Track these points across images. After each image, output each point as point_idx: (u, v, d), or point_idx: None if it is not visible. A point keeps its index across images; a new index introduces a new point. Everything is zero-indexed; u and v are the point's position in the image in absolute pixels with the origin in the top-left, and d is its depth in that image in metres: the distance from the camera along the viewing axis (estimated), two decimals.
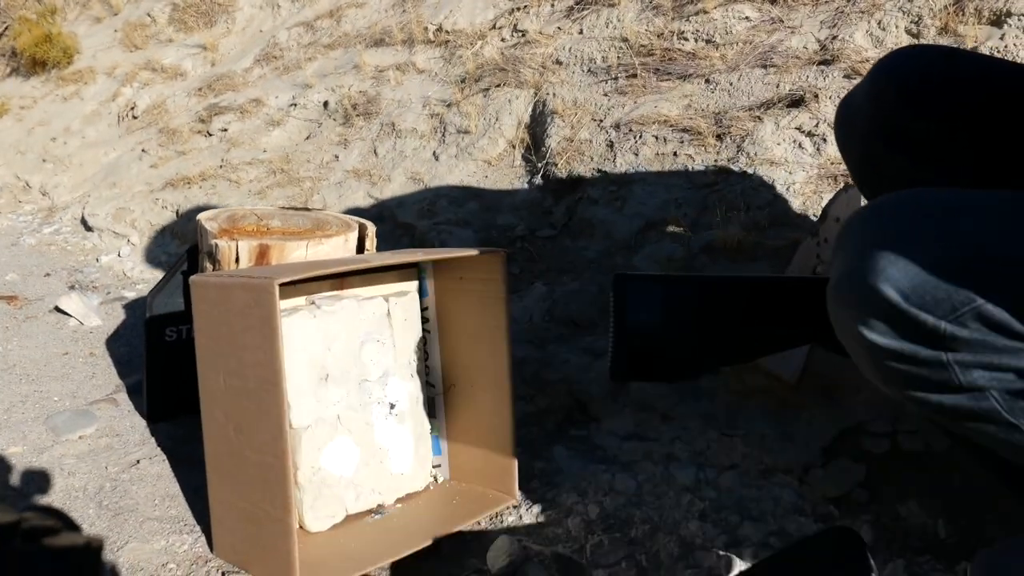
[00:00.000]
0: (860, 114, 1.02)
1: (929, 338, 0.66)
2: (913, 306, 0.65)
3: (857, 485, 1.19)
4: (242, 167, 2.67)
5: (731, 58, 1.92)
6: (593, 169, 1.90)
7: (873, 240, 0.68)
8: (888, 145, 0.98)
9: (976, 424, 0.71)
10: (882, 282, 0.66)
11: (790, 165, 1.65)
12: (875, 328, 0.67)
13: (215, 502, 1.12)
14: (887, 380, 0.71)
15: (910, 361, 0.67)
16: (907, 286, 0.65)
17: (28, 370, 1.77)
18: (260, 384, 1.00)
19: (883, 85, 0.98)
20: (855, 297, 0.68)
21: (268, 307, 0.97)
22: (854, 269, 0.68)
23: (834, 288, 0.71)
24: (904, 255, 0.65)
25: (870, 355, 0.69)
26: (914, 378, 0.68)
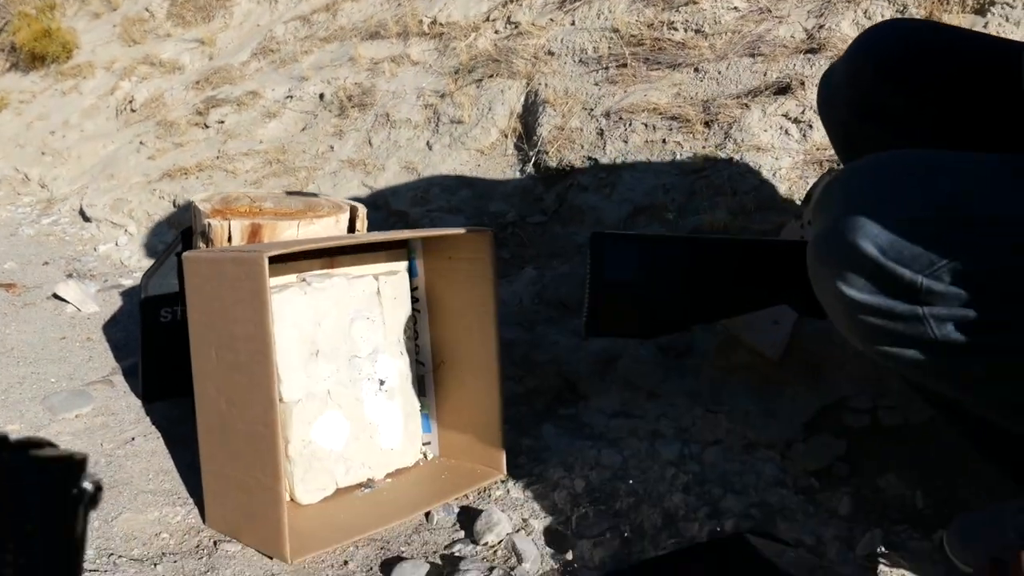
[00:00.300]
0: (839, 89, 1.04)
1: (906, 293, 0.68)
2: (891, 261, 0.67)
3: (837, 459, 1.21)
4: (238, 158, 2.69)
5: (720, 47, 1.95)
6: (583, 157, 1.92)
7: (852, 198, 0.70)
8: (866, 118, 1.00)
9: (950, 380, 0.73)
10: (861, 238, 0.67)
11: (776, 151, 1.68)
12: (853, 284, 0.69)
13: (207, 474, 1.15)
14: (864, 336, 0.73)
15: (887, 316, 0.69)
16: (885, 242, 0.67)
17: (26, 353, 1.79)
18: (251, 356, 1.03)
19: (861, 60, 1.00)
20: (834, 253, 0.70)
21: (258, 280, 0.99)
22: (833, 226, 0.70)
23: (814, 245, 0.73)
24: (883, 212, 0.67)
25: (848, 311, 0.71)
26: (890, 333, 0.70)
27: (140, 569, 1.05)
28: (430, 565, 1.05)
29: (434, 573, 1.05)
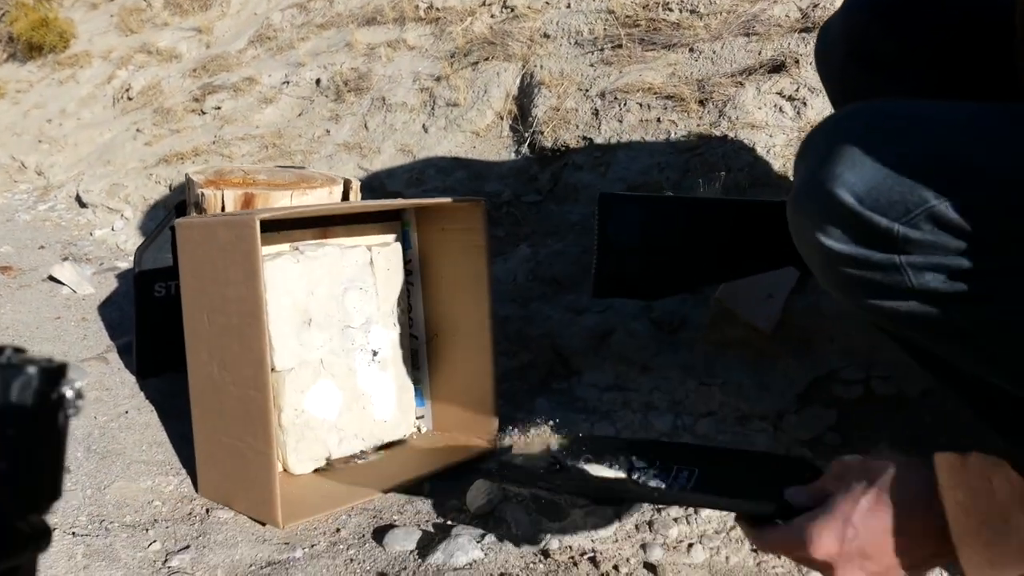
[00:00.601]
0: (836, 40, 1.04)
1: (883, 241, 0.67)
2: (867, 209, 0.66)
3: (829, 429, 1.21)
4: (235, 142, 2.69)
5: (715, 27, 1.95)
6: (578, 137, 1.92)
7: (831, 148, 0.69)
8: (863, 69, 1.00)
9: (930, 332, 0.73)
10: (838, 187, 0.66)
11: (771, 128, 1.68)
12: (831, 234, 0.68)
13: (199, 441, 1.15)
14: (843, 288, 0.73)
15: (864, 266, 0.68)
16: (862, 189, 0.66)
17: (21, 332, 1.79)
18: (242, 319, 1.03)
19: (858, 9, 0.99)
20: (812, 204, 0.69)
21: (250, 242, 0.99)
22: (812, 176, 0.69)
23: (793, 197, 0.73)
24: (861, 161, 0.66)
25: (826, 262, 0.71)
26: (868, 283, 0.70)
27: (132, 534, 1.05)
28: (422, 532, 1.06)
29: (426, 540, 1.05)
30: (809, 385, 1.28)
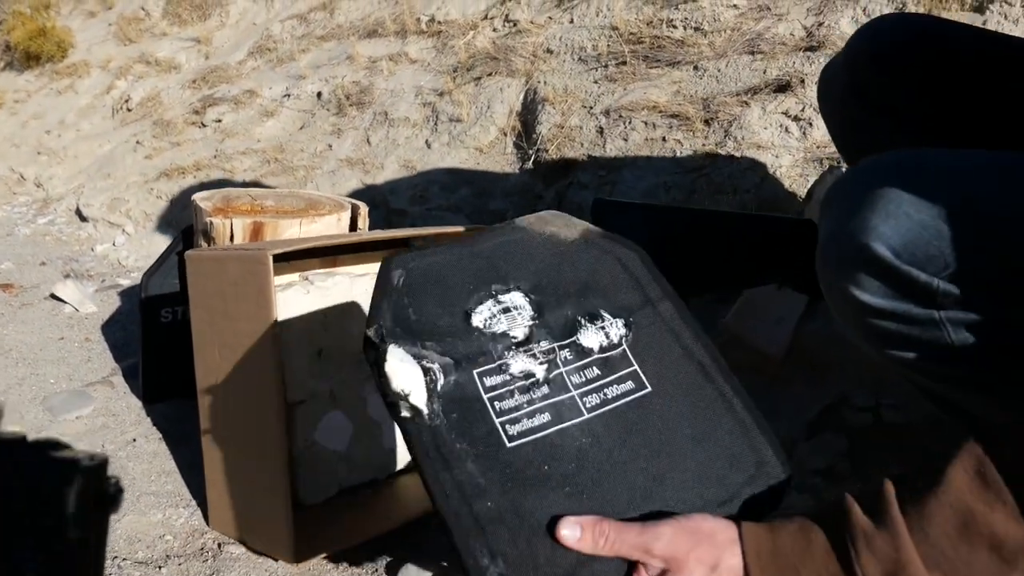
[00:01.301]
0: (837, 77, 1.04)
1: (921, 295, 0.66)
2: (905, 263, 0.65)
3: (840, 457, 1.21)
4: (236, 157, 2.69)
5: (719, 45, 1.95)
6: (583, 155, 1.92)
7: (863, 199, 0.68)
8: (863, 108, 1.00)
9: (965, 386, 0.72)
10: (873, 240, 0.66)
11: (777, 149, 1.68)
12: (866, 287, 0.68)
13: (210, 475, 1.14)
14: (876, 340, 0.72)
15: (902, 320, 0.68)
16: (899, 243, 0.65)
17: (24, 354, 1.79)
18: (255, 354, 1.02)
19: (859, 49, 1.00)
20: (845, 255, 0.68)
21: (262, 277, 0.99)
22: (843, 227, 0.68)
23: (823, 247, 0.72)
24: (895, 213, 0.65)
25: (859, 315, 0.70)
26: (905, 337, 0.69)
27: (145, 572, 1.04)
28: (436, 567, 1.05)
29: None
30: (820, 412, 1.28)
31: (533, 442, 0.69)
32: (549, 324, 0.74)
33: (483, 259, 0.76)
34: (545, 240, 0.78)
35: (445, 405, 0.67)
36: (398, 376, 0.67)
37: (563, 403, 0.71)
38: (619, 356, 0.74)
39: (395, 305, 0.70)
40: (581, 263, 0.78)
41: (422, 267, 0.74)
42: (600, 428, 0.71)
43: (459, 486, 0.65)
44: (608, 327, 0.75)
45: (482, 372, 0.70)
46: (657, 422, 0.72)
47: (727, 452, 0.71)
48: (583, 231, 0.80)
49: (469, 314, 0.72)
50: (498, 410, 0.69)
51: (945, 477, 0.56)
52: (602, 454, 0.70)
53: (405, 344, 0.68)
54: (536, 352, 0.72)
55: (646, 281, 0.78)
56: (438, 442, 0.66)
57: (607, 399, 0.72)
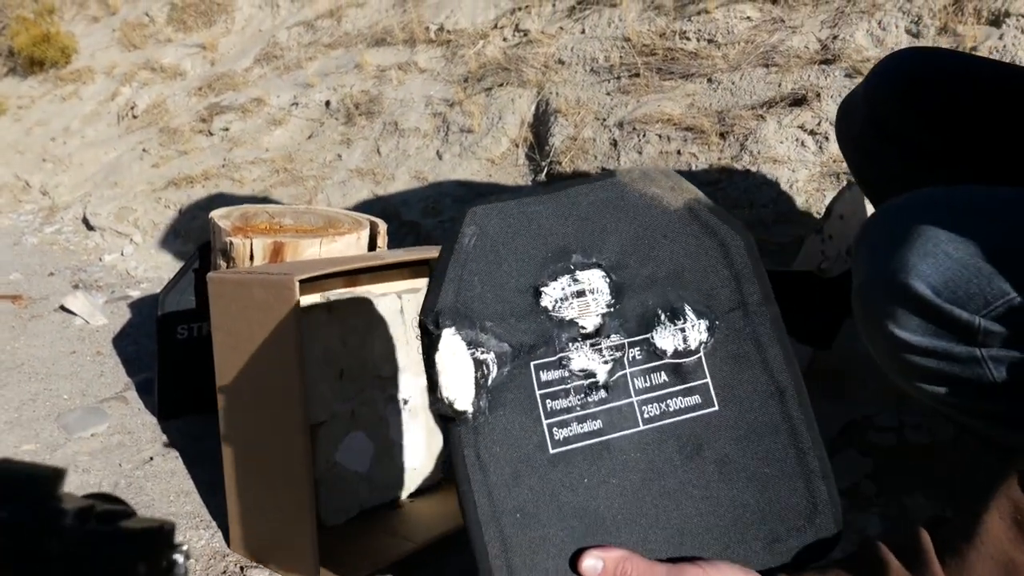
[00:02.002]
0: (857, 112, 1.05)
1: (963, 334, 0.66)
2: (946, 302, 0.65)
3: (864, 477, 1.21)
4: (245, 166, 2.68)
5: (733, 57, 1.94)
6: (597, 167, 1.92)
7: (900, 237, 0.68)
8: (882, 140, 1.00)
9: (1006, 423, 0.71)
10: (913, 278, 0.66)
11: (793, 163, 1.67)
12: (905, 325, 0.67)
13: (232, 497, 1.14)
14: (916, 378, 0.71)
15: (942, 357, 0.67)
16: (938, 281, 0.65)
17: (36, 368, 1.78)
18: (279, 377, 1.02)
19: (877, 83, 1.00)
20: (885, 294, 0.68)
21: (288, 303, 0.98)
22: (882, 266, 0.68)
23: (861, 286, 0.71)
24: (934, 251, 0.65)
25: (898, 353, 0.70)
26: (945, 375, 0.69)
27: None
28: None
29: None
30: (842, 431, 1.28)
31: (578, 450, 0.65)
32: (624, 314, 0.67)
33: (570, 220, 0.69)
34: (645, 204, 0.70)
35: (492, 400, 0.63)
36: (447, 373, 0.62)
37: (619, 410, 0.66)
38: (693, 364, 0.68)
39: (461, 273, 0.64)
40: (679, 241, 0.70)
41: (500, 227, 0.66)
42: (653, 444, 0.66)
43: (491, 494, 0.62)
44: (688, 330, 0.68)
45: (540, 364, 0.65)
46: (715, 448, 0.67)
47: (781, 497, 0.66)
48: (690, 200, 0.71)
49: (539, 292, 0.66)
50: (548, 410, 0.65)
51: (983, 526, 0.55)
52: (648, 476, 0.65)
53: (462, 328, 0.63)
54: (603, 348, 0.67)
55: (746, 277, 0.69)
56: (478, 444, 0.62)
57: (667, 411, 0.67)
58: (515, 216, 0.67)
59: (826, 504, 0.66)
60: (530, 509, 0.62)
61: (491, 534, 0.61)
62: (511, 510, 0.62)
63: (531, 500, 0.62)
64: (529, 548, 0.62)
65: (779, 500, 0.66)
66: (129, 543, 0.36)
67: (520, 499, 0.62)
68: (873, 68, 1.06)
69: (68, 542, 0.35)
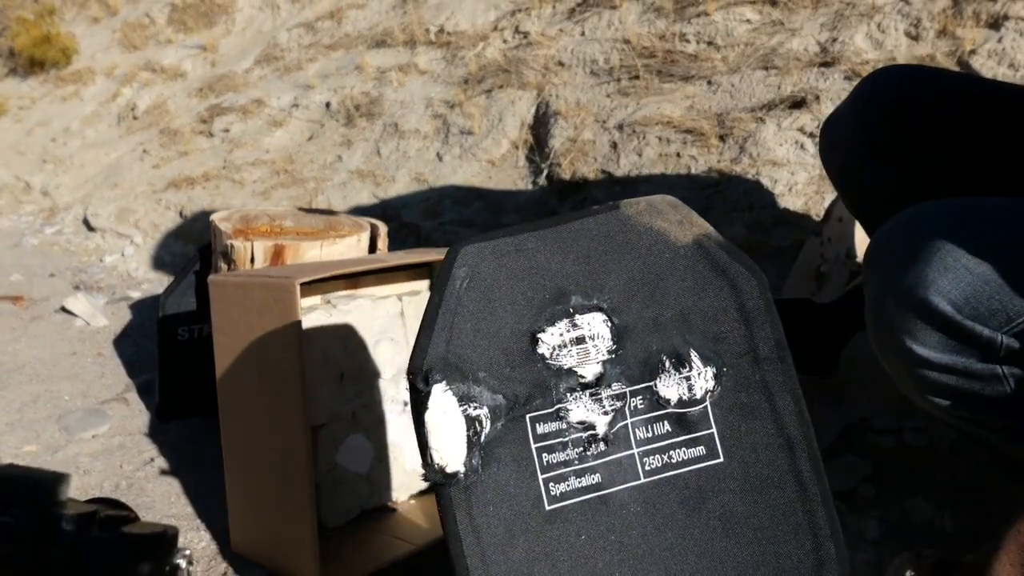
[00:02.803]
0: (844, 129, 1.04)
1: (984, 350, 0.65)
2: (967, 318, 0.64)
3: (864, 480, 1.21)
4: (245, 167, 2.68)
5: (732, 60, 1.95)
6: (597, 170, 1.92)
7: (918, 251, 0.66)
8: (871, 159, 1.00)
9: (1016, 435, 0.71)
10: (933, 294, 0.64)
11: (792, 166, 1.67)
12: (924, 341, 0.66)
13: (233, 499, 1.14)
14: (933, 394, 0.70)
15: (962, 374, 0.66)
16: (959, 297, 0.63)
17: (38, 370, 1.78)
18: (280, 380, 1.02)
19: (868, 100, 1.00)
20: (903, 310, 0.66)
21: (289, 306, 0.98)
22: (898, 282, 0.67)
23: (875, 301, 0.70)
24: (953, 266, 0.64)
25: (916, 369, 0.68)
26: (964, 392, 0.67)
27: None
28: None
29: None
30: (841, 434, 1.28)
31: (575, 506, 0.62)
32: (627, 360, 0.64)
33: (569, 258, 0.65)
34: (650, 239, 0.67)
35: (485, 456, 0.61)
36: (437, 433, 0.60)
37: (619, 462, 0.63)
38: (698, 414, 0.65)
39: (453, 320, 0.62)
40: (687, 280, 0.66)
41: (493, 268, 0.64)
42: (654, 497, 0.63)
43: (484, 556, 0.59)
44: (694, 378, 0.65)
45: (536, 417, 0.63)
46: (719, 502, 0.64)
47: (787, 554, 0.64)
48: (698, 235, 0.67)
49: (536, 338, 0.63)
50: (545, 464, 0.62)
51: (993, 572, 0.55)
52: (648, 531, 0.63)
53: (453, 383, 0.61)
54: (603, 398, 0.64)
55: (757, 321, 0.66)
56: (471, 504, 0.60)
57: (670, 463, 0.64)
58: (510, 255, 0.64)
59: (832, 562, 0.64)
60: (524, 570, 0.60)
61: None
62: (505, 572, 0.60)
63: (526, 560, 0.60)
64: None
65: (784, 557, 0.64)
66: (132, 549, 0.37)
67: (515, 559, 0.60)
68: (858, 86, 1.05)
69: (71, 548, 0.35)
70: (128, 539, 0.36)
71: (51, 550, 0.35)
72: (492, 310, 0.63)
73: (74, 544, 0.35)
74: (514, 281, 0.64)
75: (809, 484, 0.65)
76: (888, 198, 0.96)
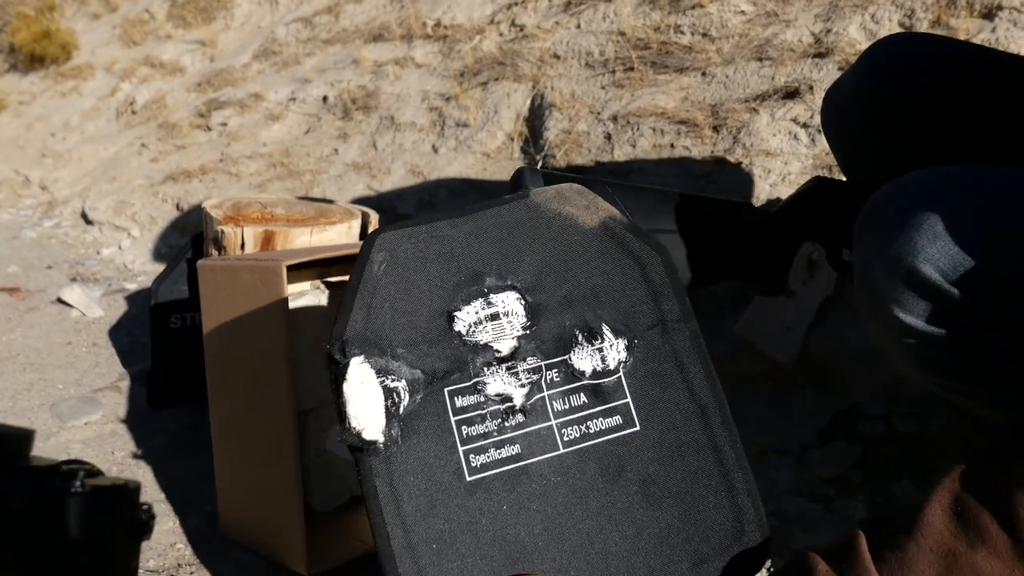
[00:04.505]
0: (845, 96, 1.04)
1: (972, 319, 0.64)
2: (955, 286, 0.63)
3: (853, 466, 1.21)
4: (242, 160, 2.69)
5: (727, 51, 1.95)
6: (591, 160, 1.92)
7: (906, 218, 0.66)
8: (874, 130, 1.00)
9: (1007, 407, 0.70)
10: (921, 262, 0.64)
11: (785, 156, 1.67)
12: (911, 309, 0.65)
13: (221, 482, 1.14)
14: (921, 365, 0.70)
15: (947, 342, 0.66)
16: (947, 265, 0.63)
17: (32, 359, 1.78)
18: (267, 364, 1.02)
19: (869, 69, 1.00)
20: (890, 277, 0.66)
21: (276, 288, 0.99)
22: (888, 248, 0.66)
23: (865, 269, 0.69)
24: (942, 234, 0.63)
25: (903, 338, 0.68)
26: (948, 359, 0.67)
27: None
28: None
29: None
30: (831, 420, 1.28)
31: (495, 476, 0.63)
32: (541, 335, 0.67)
33: (483, 243, 0.68)
34: (559, 224, 0.70)
35: (405, 428, 0.62)
36: (355, 402, 0.61)
37: (538, 433, 0.65)
38: (612, 385, 0.67)
39: (371, 301, 0.64)
40: (594, 261, 0.70)
41: (411, 252, 0.66)
42: (574, 467, 0.65)
43: (405, 525, 0.60)
44: (606, 349, 0.67)
45: (454, 391, 0.64)
46: (638, 469, 0.65)
47: (707, 516, 0.65)
48: (605, 218, 0.71)
49: (452, 317, 0.66)
50: (464, 436, 0.63)
51: (924, 519, 0.55)
52: (570, 500, 0.64)
53: (372, 356, 0.62)
54: (519, 371, 0.66)
55: (664, 294, 0.69)
56: (391, 474, 0.61)
57: (588, 433, 0.66)
58: (426, 240, 0.67)
59: (752, 522, 0.65)
60: (447, 539, 0.61)
61: (406, 566, 0.59)
62: (427, 540, 0.60)
63: (448, 530, 0.61)
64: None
65: (704, 520, 0.65)
66: (92, 500, 0.37)
67: (436, 529, 0.61)
68: (861, 57, 1.05)
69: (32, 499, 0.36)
70: (90, 491, 0.36)
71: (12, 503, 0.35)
72: (409, 291, 0.65)
73: (35, 494, 0.35)
74: (430, 264, 0.66)
75: (724, 447, 0.67)
76: (884, 166, 0.95)
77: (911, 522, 0.55)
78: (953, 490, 0.54)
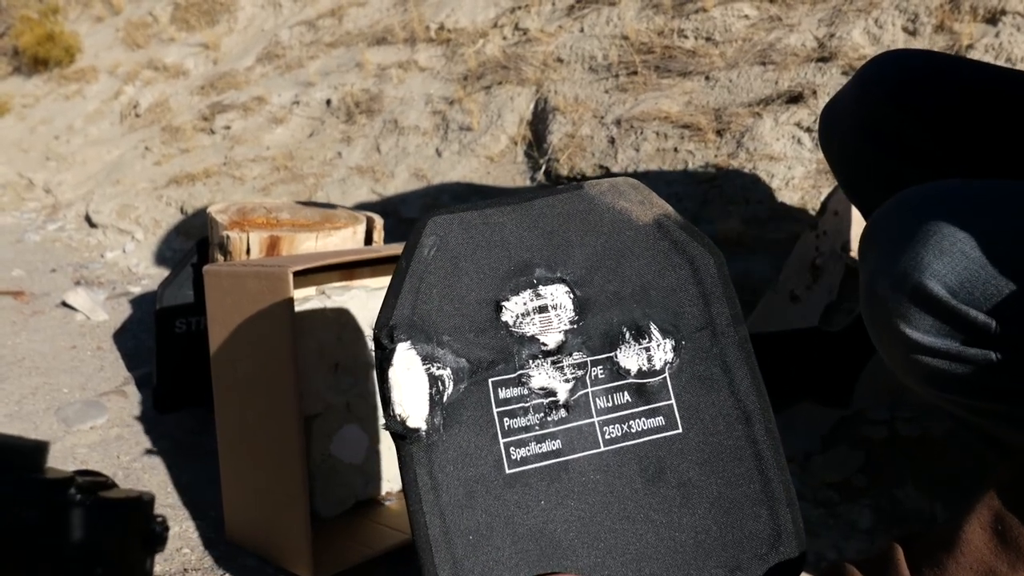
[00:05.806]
0: (846, 111, 1.04)
1: (978, 336, 0.64)
2: (962, 302, 0.62)
3: (856, 471, 1.21)
4: (246, 164, 2.69)
5: (730, 55, 1.95)
6: (595, 165, 1.92)
7: (913, 233, 0.65)
8: (874, 145, 1.00)
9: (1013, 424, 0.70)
10: (928, 277, 0.63)
11: (789, 160, 1.68)
12: (918, 325, 0.65)
13: (227, 488, 1.15)
14: (926, 380, 0.69)
15: (956, 360, 0.65)
16: (954, 281, 0.62)
17: (37, 363, 1.79)
18: (273, 370, 1.03)
19: (870, 85, 1.00)
20: (896, 293, 0.66)
21: (282, 295, 0.99)
22: (894, 264, 0.66)
23: (870, 283, 0.69)
24: (949, 249, 0.63)
25: (910, 354, 0.67)
26: (957, 377, 0.67)
27: None
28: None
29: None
30: (835, 425, 1.28)
31: (535, 471, 0.63)
32: (588, 331, 0.66)
33: (534, 233, 0.66)
34: (612, 218, 0.68)
35: (447, 417, 0.62)
36: (400, 388, 0.61)
37: (580, 429, 0.64)
38: (657, 385, 0.67)
39: (419, 285, 0.63)
40: (646, 257, 0.68)
41: (461, 238, 0.65)
42: (613, 466, 0.64)
43: (443, 515, 0.60)
44: (653, 349, 0.66)
45: (498, 382, 0.64)
46: (677, 472, 0.65)
47: (745, 523, 0.65)
48: (659, 215, 0.69)
49: (500, 306, 0.65)
50: (506, 428, 0.63)
51: (963, 536, 0.54)
52: (607, 499, 0.64)
53: (418, 343, 0.62)
54: (565, 366, 0.65)
55: (715, 297, 0.68)
56: (432, 462, 0.61)
57: (629, 433, 0.65)
58: (477, 227, 0.65)
59: (790, 532, 0.65)
60: (483, 531, 0.61)
61: (442, 556, 0.59)
62: (463, 531, 0.60)
63: (485, 522, 0.61)
64: (481, 571, 0.60)
65: (742, 527, 0.65)
66: (107, 512, 0.37)
67: (473, 520, 0.61)
68: (859, 72, 1.05)
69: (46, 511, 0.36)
70: (103, 504, 0.37)
71: (26, 515, 0.35)
72: (458, 278, 0.64)
73: (49, 507, 0.36)
74: (480, 251, 0.65)
75: (766, 455, 0.66)
76: (884, 182, 0.95)
77: (949, 539, 0.54)
78: (993, 507, 0.54)
